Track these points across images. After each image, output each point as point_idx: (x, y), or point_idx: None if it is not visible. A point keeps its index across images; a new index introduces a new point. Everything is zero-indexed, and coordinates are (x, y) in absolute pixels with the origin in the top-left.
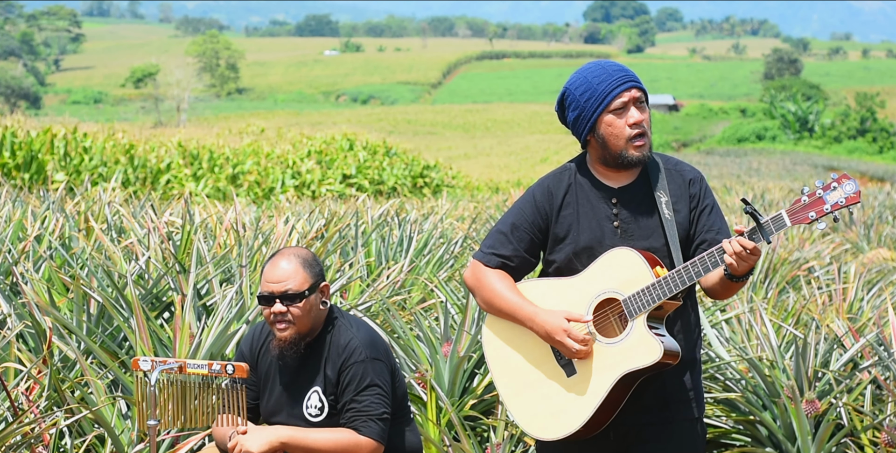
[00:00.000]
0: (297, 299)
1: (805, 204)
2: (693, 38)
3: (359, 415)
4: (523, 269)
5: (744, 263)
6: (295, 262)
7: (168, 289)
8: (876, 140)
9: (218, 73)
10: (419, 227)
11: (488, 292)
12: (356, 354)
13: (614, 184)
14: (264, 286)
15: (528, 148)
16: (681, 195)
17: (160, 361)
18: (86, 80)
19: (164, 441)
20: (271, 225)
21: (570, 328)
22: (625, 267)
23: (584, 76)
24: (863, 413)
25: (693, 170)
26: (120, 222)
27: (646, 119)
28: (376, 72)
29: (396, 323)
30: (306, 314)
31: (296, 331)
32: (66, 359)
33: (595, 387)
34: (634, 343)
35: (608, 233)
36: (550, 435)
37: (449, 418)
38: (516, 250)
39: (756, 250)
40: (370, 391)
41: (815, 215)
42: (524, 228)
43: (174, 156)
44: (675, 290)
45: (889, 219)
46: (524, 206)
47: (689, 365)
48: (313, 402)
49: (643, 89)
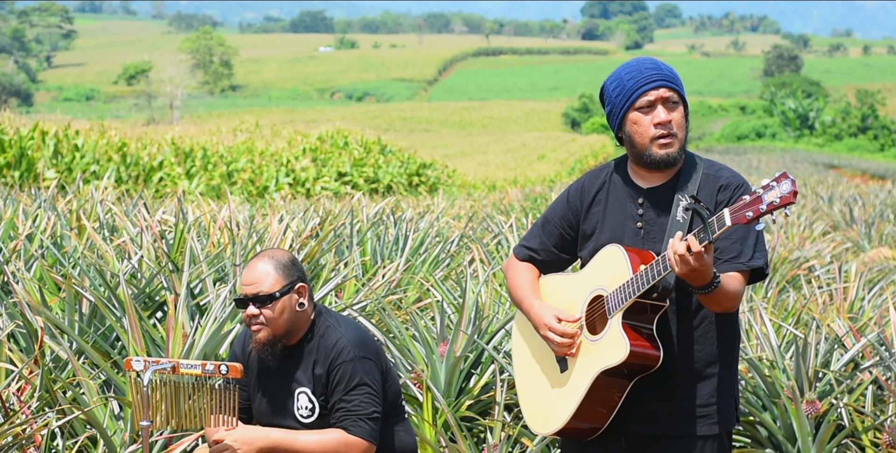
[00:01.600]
0: (268, 301)
1: (745, 203)
2: (692, 34)
3: (348, 415)
4: (552, 264)
5: (685, 267)
6: (268, 265)
7: (161, 288)
8: (877, 137)
9: (211, 70)
10: (415, 226)
11: (510, 283)
12: (344, 353)
13: (645, 185)
14: (240, 288)
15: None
16: (708, 201)
17: (153, 361)
18: (78, 76)
19: (157, 442)
20: (265, 223)
21: (552, 323)
22: (610, 263)
23: (619, 72)
24: (864, 413)
25: (732, 177)
26: (112, 221)
27: (675, 119)
28: (371, 68)
29: (392, 322)
30: (279, 316)
31: (270, 333)
32: (58, 359)
33: (576, 384)
34: (609, 341)
35: (629, 234)
36: (542, 430)
37: (445, 419)
38: (544, 244)
39: (699, 255)
40: (359, 390)
41: (751, 214)
42: (555, 223)
43: (167, 154)
44: (642, 288)
45: (890, 217)
46: (559, 201)
47: (700, 378)
48: (303, 403)
49: (676, 89)
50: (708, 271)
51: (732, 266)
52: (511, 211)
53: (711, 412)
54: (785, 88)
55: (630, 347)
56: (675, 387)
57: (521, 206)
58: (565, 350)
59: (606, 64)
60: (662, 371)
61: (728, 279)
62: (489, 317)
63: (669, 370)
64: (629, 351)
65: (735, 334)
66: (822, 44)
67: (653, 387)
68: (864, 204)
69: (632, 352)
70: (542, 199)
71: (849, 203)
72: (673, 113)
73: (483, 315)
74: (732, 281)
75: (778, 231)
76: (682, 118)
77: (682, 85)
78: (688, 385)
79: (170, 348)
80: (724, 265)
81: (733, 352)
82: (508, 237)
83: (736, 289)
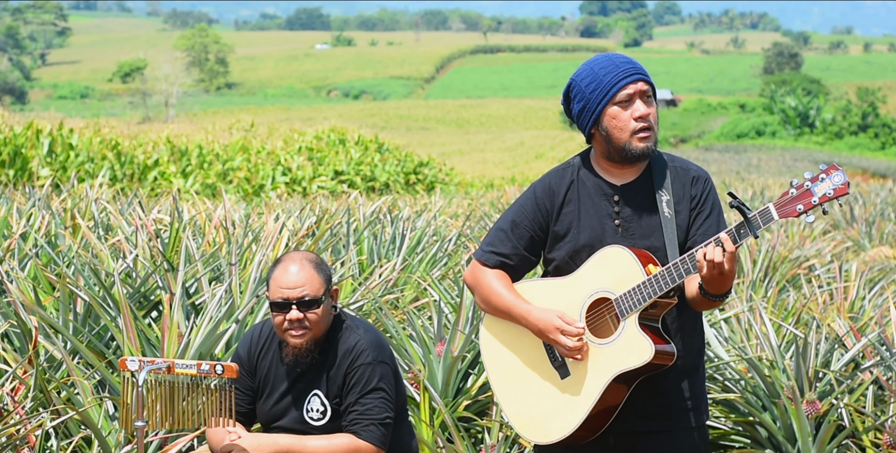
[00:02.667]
0: (315, 305)
1: (793, 196)
2: (691, 31)
3: (361, 419)
4: (523, 268)
5: (715, 270)
6: (308, 267)
7: (156, 287)
8: (878, 136)
9: (207, 68)
10: (412, 225)
11: (486, 290)
12: (363, 356)
13: (617, 182)
14: (278, 292)
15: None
16: (683, 195)
17: (148, 361)
18: (72, 74)
19: (153, 442)
20: (261, 222)
21: (563, 325)
22: (616, 265)
23: (590, 68)
24: (864, 414)
25: (699, 169)
26: (107, 219)
27: (652, 113)
28: (368, 66)
29: (389, 322)
30: (322, 319)
31: (311, 337)
32: (53, 359)
33: (588, 390)
34: (626, 343)
35: (609, 232)
36: (546, 439)
37: (442, 419)
38: (516, 248)
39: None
40: (375, 394)
41: (802, 207)
42: (525, 226)
43: (162, 153)
44: (666, 288)
45: (891, 216)
46: (525, 203)
47: (690, 372)
48: (315, 406)
49: (651, 83)
50: (733, 277)
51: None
52: None
53: (699, 403)
54: (785, 86)
55: (654, 347)
56: (671, 383)
57: None
58: (576, 353)
59: None
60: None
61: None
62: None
63: (668, 366)
64: (654, 352)
65: (702, 326)
66: (823, 41)
67: (650, 385)
68: (864, 202)
69: (656, 352)
70: None
71: (849, 201)
72: (650, 107)
73: (480, 314)
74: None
75: (778, 230)
76: (656, 112)
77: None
78: (680, 379)
79: (165, 348)
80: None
81: (704, 345)
82: None
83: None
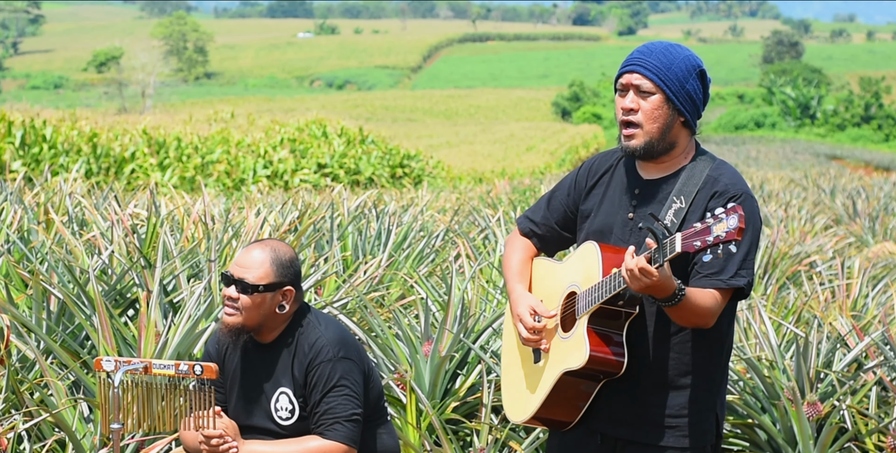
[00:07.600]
0: (249, 290)
1: (697, 230)
2: (688, 19)
3: (325, 419)
4: (552, 241)
5: (637, 282)
6: (267, 255)
7: (133, 284)
8: (881, 127)
9: (185, 57)
10: (398, 220)
11: (505, 256)
12: (323, 353)
13: (645, 175)
14: (231, 266)
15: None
16: (699, 206)
17: (124, 361)
18: (46, 63)
19: (129, 445)
20: (242, 217)
21: (524, 315)
22: (587, 261)
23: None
24: (867, 416)
25: (731, 184)
26: (82, 214)
27: (644, 109)
28: (353, 55)
29: (374, 321)
30: (254, 308)
31: (240, 322)
32: (25, 359)
33: (544, 380)
34: (573, 342)
35: (619, 223)
36: (513, 418)
37: (430, 421)
38: (546, 219)
39: (646, 271)
40: (337, 391)
41: (699, 245)
42: (559, 199)
43: (139, 145)
44: (605, 296)
45: (895, 210)
46: (568, 178)
47: (674, 388)
48: (283, 404)
49: (651, 78)
50: (664, 285)
51: (711, 282)
52: (499, 204)
53: (682, 424)
54: (785, 76)
55: (589, 353)
56: (643, 394)
57: (508, 199)
58: (531, 344)
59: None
60: (631, 376)
61: (698, 294)
62: (476, 314)
63: (639, 376)
64: (588, 358)
65: (721, 346)
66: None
67: (621, 391)
68: (867, 196)
69: (591, 358)
70: (530, 192)
71: (852, 196)
72: (643, 102)
73: (469, 313)
74: (704, 297)
75: (778, 225)
76: (654, 109)
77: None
78: (657, 393)
79: (142, 347)
80: (702, 280)
81: (716, 365)
82: (496, 231)
83: (706, 305)
